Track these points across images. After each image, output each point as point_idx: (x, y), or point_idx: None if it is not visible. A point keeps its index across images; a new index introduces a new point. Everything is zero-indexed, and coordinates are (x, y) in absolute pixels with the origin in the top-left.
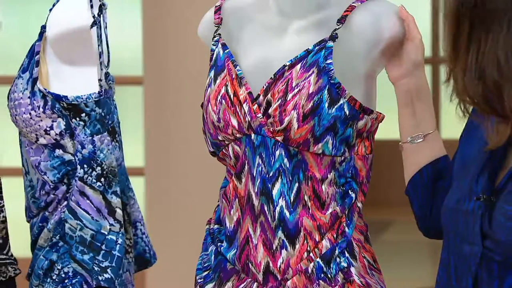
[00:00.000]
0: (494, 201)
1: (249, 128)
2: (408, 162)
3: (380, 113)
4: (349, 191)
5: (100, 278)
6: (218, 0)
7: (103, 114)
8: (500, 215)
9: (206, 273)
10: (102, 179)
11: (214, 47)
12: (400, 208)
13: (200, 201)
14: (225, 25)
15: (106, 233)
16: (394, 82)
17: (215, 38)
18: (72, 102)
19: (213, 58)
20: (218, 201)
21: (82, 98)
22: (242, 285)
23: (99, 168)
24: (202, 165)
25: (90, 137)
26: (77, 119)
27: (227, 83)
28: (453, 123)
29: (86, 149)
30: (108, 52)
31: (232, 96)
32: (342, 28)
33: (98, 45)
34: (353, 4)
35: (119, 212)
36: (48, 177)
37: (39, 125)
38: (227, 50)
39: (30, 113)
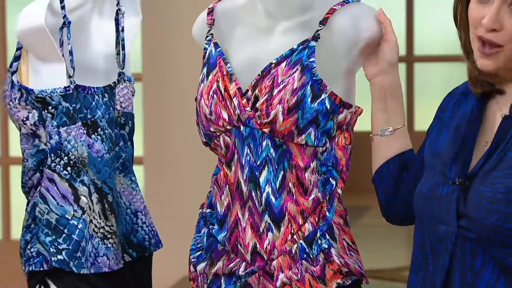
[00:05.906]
0: (468, 185)
1: (238, 120)
2: (377, 153)
3: (359, 107)
4: (330, 178)
5: (53, 259)
6: None
7: (71, 108)
8: (476, 195)
9: (199, 253)
10: (69, 168)
11: (206, 46)
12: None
13: (194, 187)
14: (217, 26)
15: (69, 218)
16: (370, 79)
17: (208, 38)
18: (38, 96)
19: (206, 56)
20: (210, 187)
21: (46, 92)
22: (232, 264)
23: (66, 157)
24: (196, 154)
25: (56, 129)
26: (46, 111)
27: (218, 79)
28: (425, 117)
29: (53, 140)
30: (124, 54)
31: (223, 91)
32: (324, 29)
33: (68, 44)
34: (334, 7)
35: (83, 199)
36: (29, 164)
37: (18, 116)
38: (219, 49)
39: (9, 104)
